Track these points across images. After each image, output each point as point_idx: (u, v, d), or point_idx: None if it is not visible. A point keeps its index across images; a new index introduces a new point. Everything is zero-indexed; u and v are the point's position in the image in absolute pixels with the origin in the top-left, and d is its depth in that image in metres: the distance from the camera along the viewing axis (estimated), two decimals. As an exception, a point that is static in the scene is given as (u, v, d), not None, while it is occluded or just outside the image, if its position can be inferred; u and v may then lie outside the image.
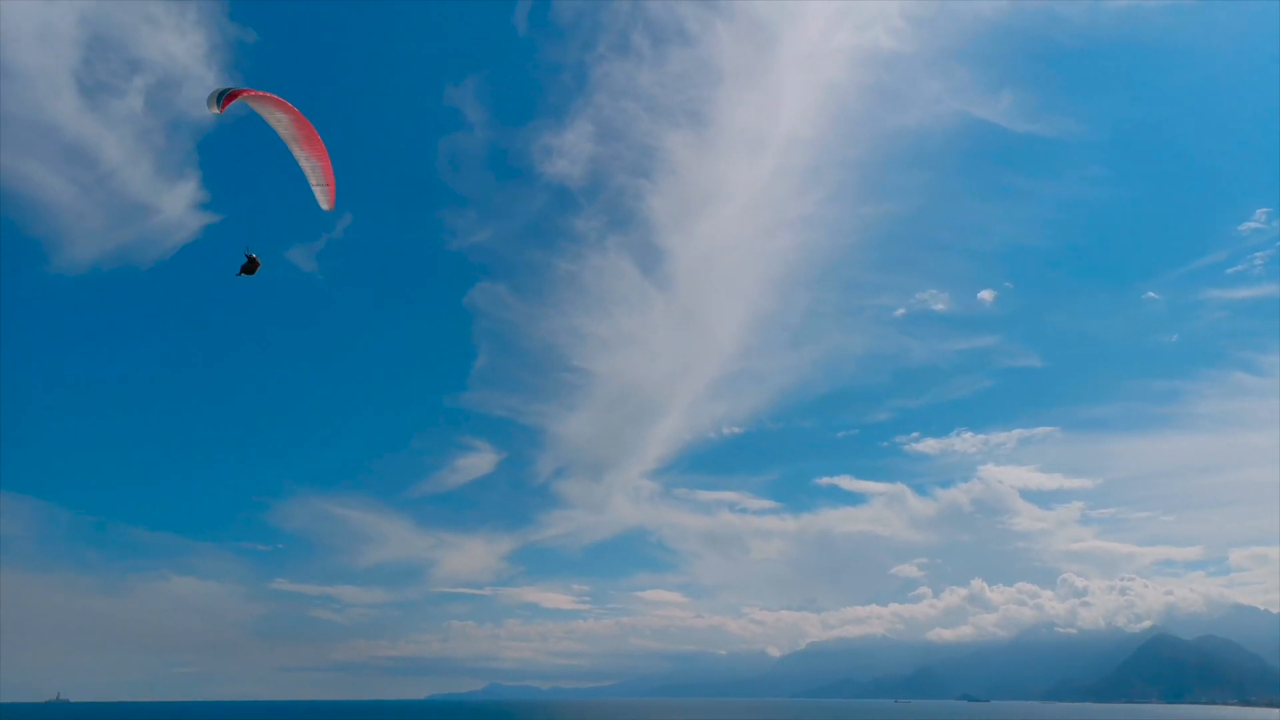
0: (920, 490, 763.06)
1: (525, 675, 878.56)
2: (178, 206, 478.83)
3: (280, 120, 39.00)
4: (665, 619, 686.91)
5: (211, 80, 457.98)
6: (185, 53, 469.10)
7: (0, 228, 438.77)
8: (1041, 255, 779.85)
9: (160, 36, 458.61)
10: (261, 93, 38.11)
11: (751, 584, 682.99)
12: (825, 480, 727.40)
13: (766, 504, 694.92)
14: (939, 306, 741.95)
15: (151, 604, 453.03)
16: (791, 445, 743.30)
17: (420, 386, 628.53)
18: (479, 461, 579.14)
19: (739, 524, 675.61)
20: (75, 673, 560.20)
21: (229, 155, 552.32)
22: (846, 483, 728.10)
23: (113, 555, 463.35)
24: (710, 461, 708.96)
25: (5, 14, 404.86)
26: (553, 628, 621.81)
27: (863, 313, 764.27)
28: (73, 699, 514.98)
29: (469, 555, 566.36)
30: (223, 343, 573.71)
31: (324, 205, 40.65)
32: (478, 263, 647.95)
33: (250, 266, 39.58)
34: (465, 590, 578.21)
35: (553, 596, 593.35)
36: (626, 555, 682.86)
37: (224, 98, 35.87)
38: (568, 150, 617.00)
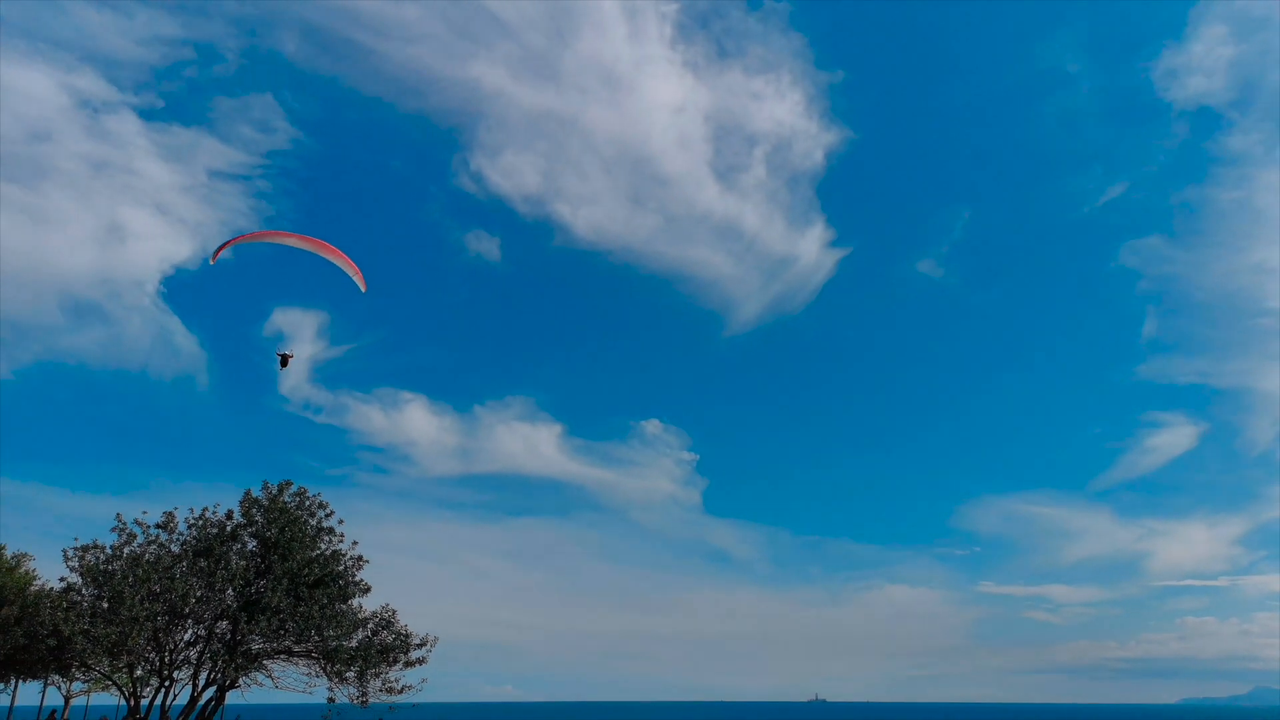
0: None
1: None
2: (812, 250, 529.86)
3: (292, 242, 40.67)
4: None
5: (814, 129, 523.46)
6: (788, 112, 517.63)
7: (686, 308, 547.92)
8: None
9: (766, 107, 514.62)
10: (259, 233, 40.09)
11: None
12: None
13: None
14: None
15: (871, 611, 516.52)
16: None
17: (1086, 367, 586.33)
18: (1175, 438, 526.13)
19: None
20: (825, 676, 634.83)
21: (845, 192, 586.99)
22: None
23: (830, 569, 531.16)
24: None
25: (654, 136, 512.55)
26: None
27: None
28: (829, 699, 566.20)
29: (1188, 543, 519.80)
30: (880, 366, 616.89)
31: (363, 288, 42.38)
32: (1120, 220, 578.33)
33: (284, 361, 41.38)
34: (1193, 583, 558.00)
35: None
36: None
37: (216, 251, 37.22)
38: (1198, 65, 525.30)
